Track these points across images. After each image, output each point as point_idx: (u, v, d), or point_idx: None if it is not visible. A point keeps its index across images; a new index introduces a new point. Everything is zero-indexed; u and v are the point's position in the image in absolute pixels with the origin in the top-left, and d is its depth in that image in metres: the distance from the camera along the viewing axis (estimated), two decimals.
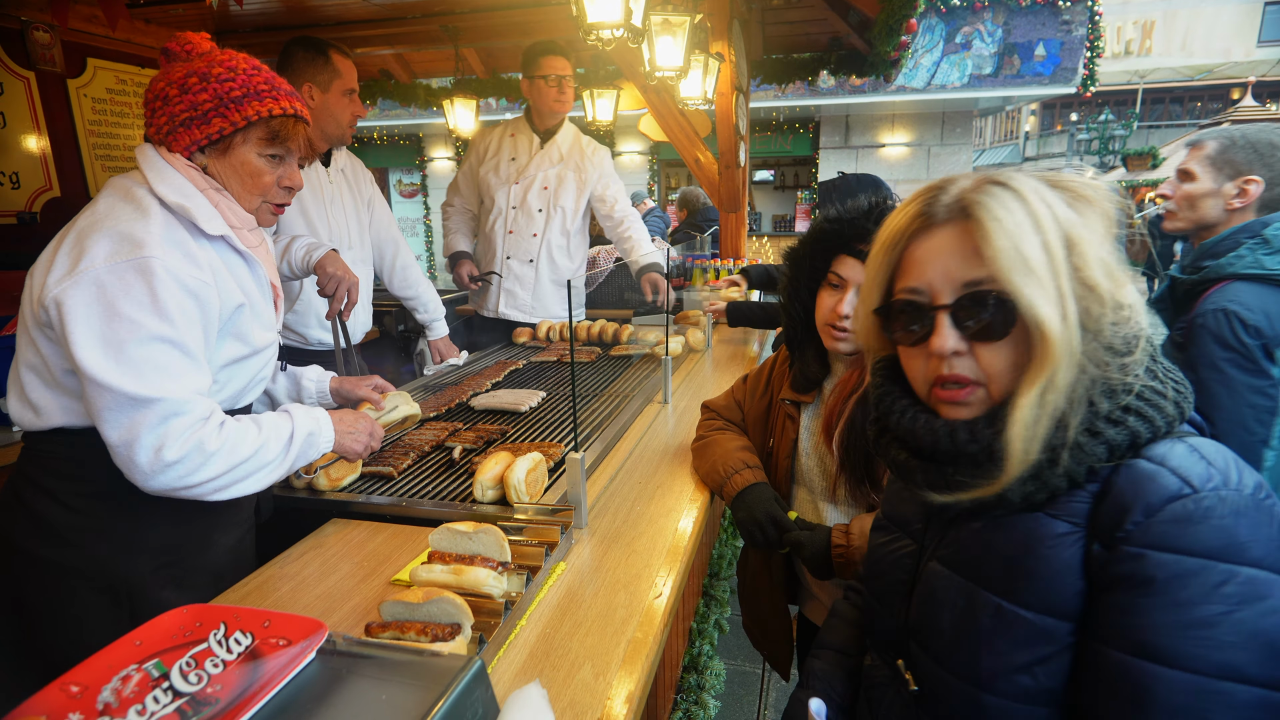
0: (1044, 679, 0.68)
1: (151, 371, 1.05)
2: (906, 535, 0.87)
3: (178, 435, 1.06)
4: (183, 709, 0.63)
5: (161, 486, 1.08)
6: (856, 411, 1.34)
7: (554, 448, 1.68)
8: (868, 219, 1.30)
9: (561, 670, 0.97)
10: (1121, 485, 0.66)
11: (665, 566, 1.24)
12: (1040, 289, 0.66)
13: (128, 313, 1.04)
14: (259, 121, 1.19)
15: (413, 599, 0.91)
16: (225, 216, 1.21)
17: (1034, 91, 10.89)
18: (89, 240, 1.07)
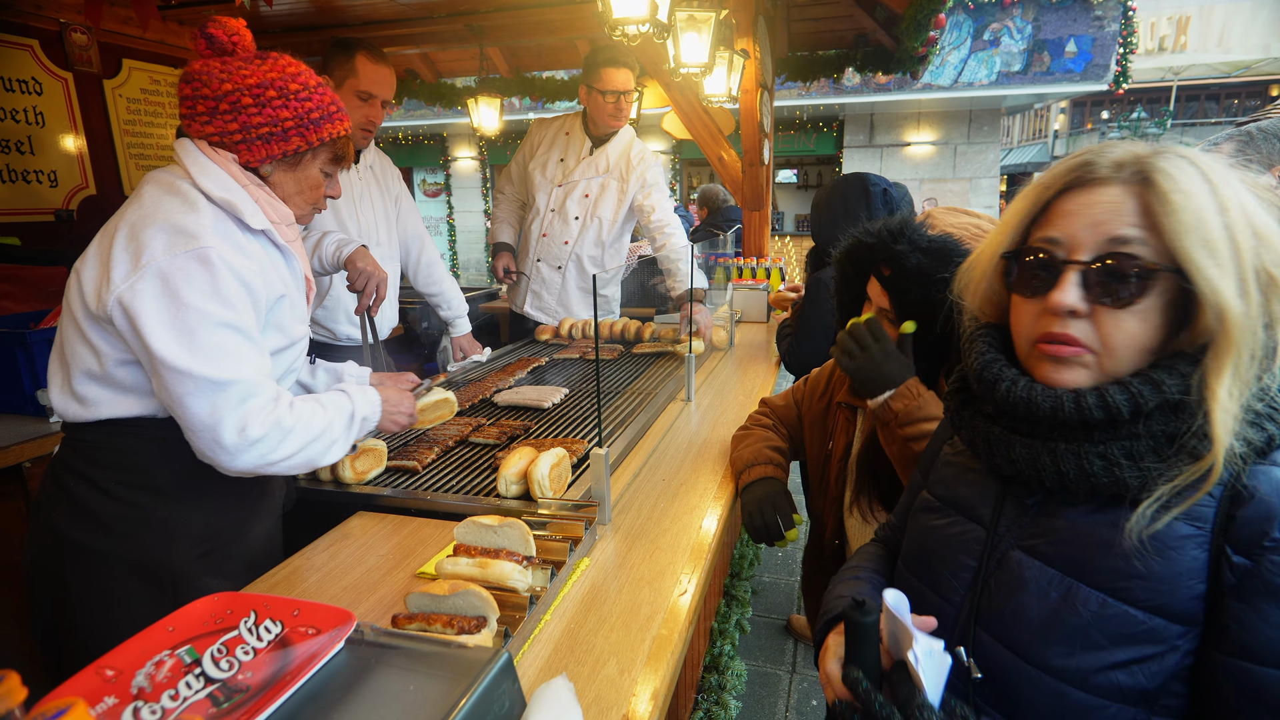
0: (1142, 679, 0.67)
1: (223, 356, 1.09)
2: (969, 519, 0.83)
3: (257, 414, 1.12)
4: (214, 695, 0.64)
5: (245, 465, 1.13)
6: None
7: (577, 444, 1.68)
8: (894, 241, 1.26)
9: (586, 666, 0.96)
10: (1265, 492, 0.63)
11: (689, 564, 1.23)
12: (1221, 270, 0.64)
13: (193, 301, 1.07)
14: (330, 142, 1.27)
15: (439, 591, 0.91)
16: (265, 212, 1.23)
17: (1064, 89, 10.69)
18: (144, 234, 1.09)
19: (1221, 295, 0.63)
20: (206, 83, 1.16)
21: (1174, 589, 0.65)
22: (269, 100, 1.17)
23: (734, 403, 2.19)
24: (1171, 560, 0.65)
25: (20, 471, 1.90)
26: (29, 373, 2.05)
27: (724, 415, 2.07)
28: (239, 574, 1.26)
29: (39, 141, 3.81)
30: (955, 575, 0.82)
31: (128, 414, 1.17)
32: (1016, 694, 0.73)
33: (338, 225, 2.29)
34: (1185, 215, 0.65)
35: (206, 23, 1.17)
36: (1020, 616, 0.74)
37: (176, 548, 1.23)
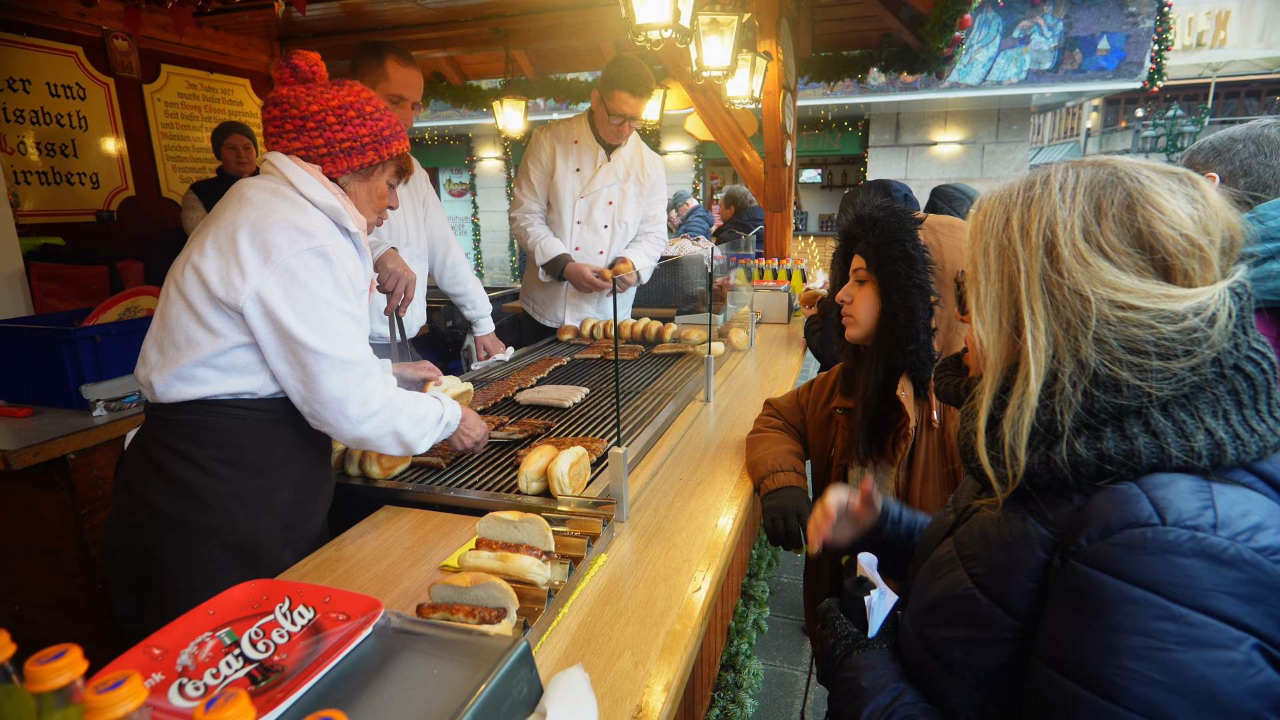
0: (973, 657, 0.71)
1: (348, 339, 1.26)
2: (953, 510, 0.92)
3: (376, 389, 1.29)
4: (253, 674, 0.68)
5: (365, 432, 1.30)
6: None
7: (597, 443, 1.72)
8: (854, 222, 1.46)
9: (602, 657, 0.99)
10: (1097, 502, 0.63)
11: (705, 562, 1.26)
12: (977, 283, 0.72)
13: (320, 292, 1.22)
14: (398, 157, 1.42)
15: (462, 583, 0.94)
16: (352, 218, 1.37)
17: (1096, 87, 10.49)
18: (268, 233, 1.21)
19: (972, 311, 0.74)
20: (295, 104, 1.30)
21: (1009, 581, 0.68)
22: (350, 119, 1.32)
23: (753, 404, 2.21)
24: (1013, 553, 0.69)
25: (65, 463, 1.99)
26: (74, 368, 2.14)
27: (742, 416, 2.09)
28: (306, 550, 1.36)
29: (82, 145, 3.95)
30: (922, 554, 0.92)
31: (229, 393, 1.29)
32: (904, 649, 0.84)
33: None
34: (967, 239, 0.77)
35: (291, 55, 1.34)
36: (921, 586, 0.83)
37: (263, 522, 1.32)
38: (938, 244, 1.38)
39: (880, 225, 1.41)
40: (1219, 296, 0.62)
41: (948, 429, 1.37)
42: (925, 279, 1.35)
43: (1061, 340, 0.65)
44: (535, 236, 3.02)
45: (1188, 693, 0.55)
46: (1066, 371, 0.65)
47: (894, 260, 1.37)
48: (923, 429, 1.38)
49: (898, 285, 1.36)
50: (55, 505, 2.01)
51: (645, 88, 2.81)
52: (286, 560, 1.32)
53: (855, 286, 1.47)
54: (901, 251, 1.37)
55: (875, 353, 1.44)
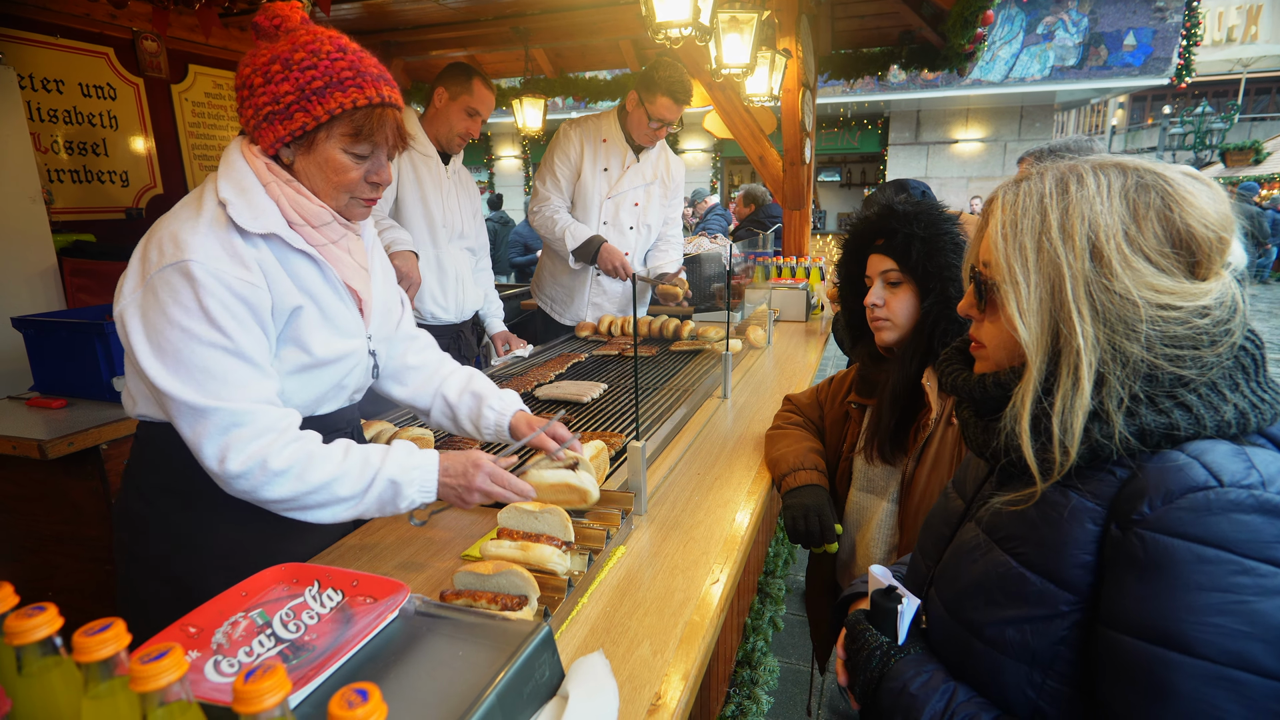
0: (1029, 636, 0.72)
1: (208, 380, 1.02)
2: (961, 496, 0.93)
3: (239, 447, 1.03)
4: (284, 653, 0.70)
5: (236, 493, 1.07)
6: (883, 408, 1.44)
7: (615, 437, 1.73)
8: (883, 218, 1.41)
9: (621, 646, 1.01)
10: (1149, 471, 0.67)
11: (722, 555, 1.27)
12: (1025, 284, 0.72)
13: (177, 319, 1.01)
14: (342, 115, 1.08)
15: (484, 570, 0.96)
16: (285, 212, 1.12)
17: (1122, 84, 10.33)
18: (150, 243, 1.06)
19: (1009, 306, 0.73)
20: (239, 71, 1.10)
21: (1061, 556, 0.70)
22: (273, 76, 1.06)
23: (771, 401, 2.22)
24: (1062, 529, 0.70)
25: (98, 453, 2.04)
26: (105, 361, 2.20)
27: (760, 412, 2.09)
28: None
29: (112, 144, 4.04)
30: (935, 543, 0.93)
31: (156, 416, 1.16)
32: (942, 642, 0.83)
33: (424, 216, 2.46)
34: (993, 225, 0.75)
35: (256, 15, 1.11)
36: (955, 575, 0.83)
37: (193, 559, 1.19)
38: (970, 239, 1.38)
39: (924, 218, 1.37)
40: (1229, 284, 0.68)
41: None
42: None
43: (1104, 340, 0.68)
44: (563, 223, 2.98)
45: (1270, 638, 0.59)
46: (1113, 368, 0.68)
47: (945, 251, 1.34)
48: (941, 422, 1.38)
49: (953, 278, 1.33)
50: (88, 494, 2.07)
51: (688, 94, 2.85)
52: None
53: (887, 290, 1.42)
54: (953, 243, 1.35)
55: (910, 353, 1.41)
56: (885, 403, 1.44)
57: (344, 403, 1.35)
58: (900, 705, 0.79)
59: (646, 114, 2.86)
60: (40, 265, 3.14)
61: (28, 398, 2.27)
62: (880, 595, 0.88)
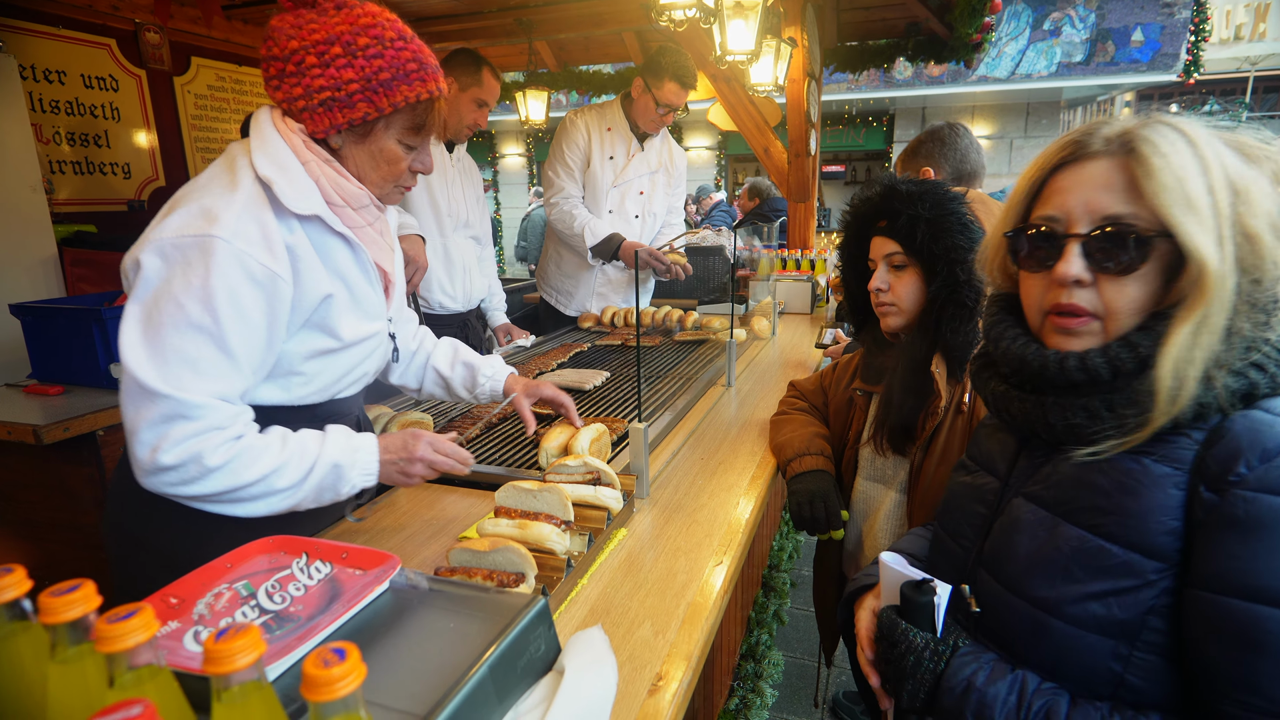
0: (1116, 609, 0.70)
1: (177, 363, 0.96)
2: (990, 473, 0.89)
3: (177, 440, 0.96)
4: (268, 623, 0.67)
5: (154, 488, 0.99)
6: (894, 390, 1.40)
7: (618, 422, 1.70)
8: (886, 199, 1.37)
9: (622, 626, 0.97)
10: (1237, 432, 0.66)
11: (726, 538, 1.24)
12: (1200, 226, 0.67)
13: (177, 292, 0.95)
14: (405, 108, 1.07)
15: (480, 547, 0.93)
16: (325, 192, 1.08)
17: (1129, 80, 10.25)
18: (175, 211, 1.00)
19: (1199, 246, 0.67)
20: (278, 40, 1.02)
21: (1146, 525, 0.68)
22: (333, 59, 1.00)
23: (775, 389, 2.18)
24: (1145, 498, 0.69)
25: (94, 439, 2.02)
26: (103, 347, 2.18)
27: (765, 400, 2.06)
28: None
29: (114, 136, 4.02)
30: (969, 522, 0.89)
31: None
32: (1006, 625, 0.79)
33: (430, 204, 2.44)
34: (1165, 177, 0.68)
35: None
36: (1011, 553, 0.79)
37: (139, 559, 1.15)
38: (979, 219, 1.34)
39: (928, 197, 1.32)
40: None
41: (977, 413, 1.32)
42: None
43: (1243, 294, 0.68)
44: (582, 219, 2.96)
45: None
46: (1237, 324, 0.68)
47: (952, 232, 1.29)
48: (950, 411, 1.34)
49: (960, 260, 1.27)
50: (84, 481, 2.05)
51: (694, 78, 2.86)
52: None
53: (891, 273, 1.37)
54: (959, 223, 1.30)
55: (918, 339, 1.35)
56: (894, 392, 1.39)
57: (361, 386, 1.32)
58: (969, 703, 0.75)
59: (654, 100, 2.85)
60: (41, 254, 3.13)
61: (25, 385, 2.25)
62: (911, 589, 0.81)
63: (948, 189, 1.35)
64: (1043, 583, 0.74)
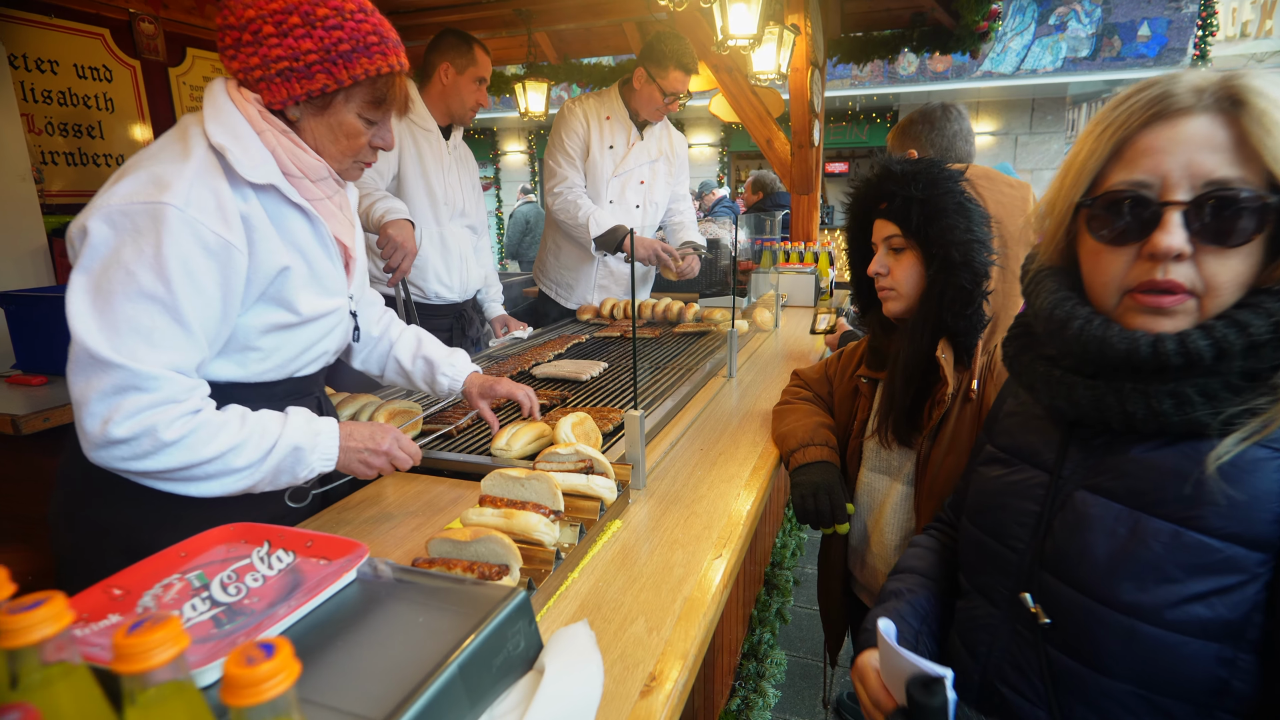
0: (1222, 609, 0.63)
1: (129, 333, 0.92)
2: (1033, 465, 0.81)
3: (130, 412, 0.92)
4: (217, 617, 0.61)
5: (104, 463, 0.95)
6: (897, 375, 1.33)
7: (613, 413, 1.63)
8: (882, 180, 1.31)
9: (613, 623, 0.91)
10: None
11: (726, 530, 1.17)
12: None
13: (127, 260, 0.91)
14: (366, 81, 1.05)
15: (460, 538, 0.87)
16: (282, 163, 1.06)
17: (1136, 75, 10.16)
18: (124, 177, 0.96)
19: None
20: (234, 9, 1.01)
21: (1250, 514, 0.62)
22: (291, 28, 0.98)
23: (777, 381, 2.12)
24: (1247, 485, 0.62)
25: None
26: None
27: (767, 391, 1.99)
28: None
29: (108, 127, 3.97)
30: (1018, 521, 0.80)
31: None
32: (1087, 635, 0.70)
33: (426, 192, 2.37)
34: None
35: None
36: (1086, 555, 0.70)
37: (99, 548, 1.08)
38: (981, 198, 1.27)
39: (921, 177, 1.26)
40: None
41: (986, 400, 1.26)
42: (985, 233, 1.23)
43: None
44: (586, 209, 2.87)
45: None
46: None
47: (947, 214, 1.22)
48: (958, 399, 1.27)
49: (956, 241, 1.21)
50: None
51: (695, 63, 2.81)
52: None
53: (890, 256, 1.32)
54: (955, 204, 1.23)
55: (920, 324, 1.29)
56: (897, 380, 1.32)
57: (321, 365, 1.28)
58: None
59: (659, 89, 2.79)
60: (30, 245, 3.07)
61: (8, 375, 2.19)
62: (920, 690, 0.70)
63: (944, 167, 1.28)
64: (1133, 586, 0.66)
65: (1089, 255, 0.74)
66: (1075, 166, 0.74)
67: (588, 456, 1.15)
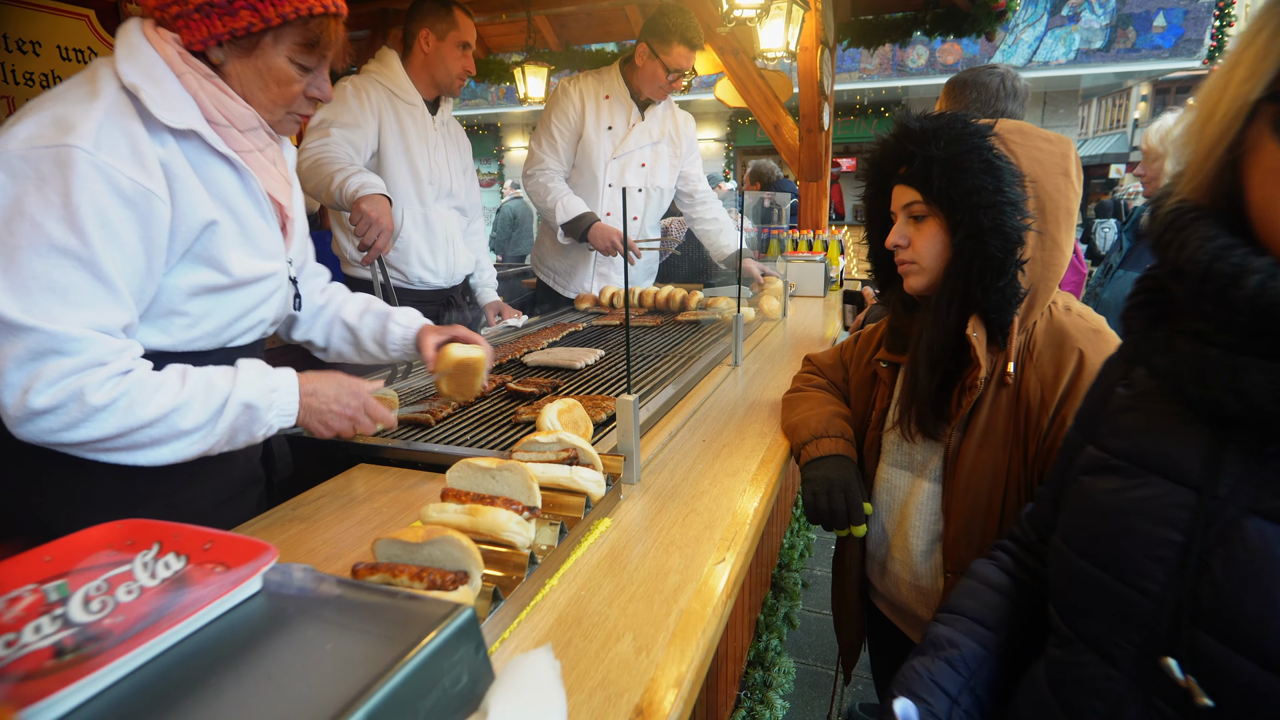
0: None
1: (41, 292, 0.82)
2: (1168, 479, 0.61)
3: (52, 379, 0.83)
4: (62, 644, 0.47)
5: (31, 437, 0.86)
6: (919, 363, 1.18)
7: (607, 401, 1.49)
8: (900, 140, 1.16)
9: (595, 641, 0.76)
10: None
11: (730, 530, 1.03)
12: None
13: (31, 210, 0.82)
14: (297, 21, 0.96)
15: (411, 538, 0.72)
16: (205, 109, 0.97)
17: (1151, 66, 9.95)
18: (22, 120, 0.86)
19: None
20: None
21: None
22: None
23: (786, 370, 1.97)
24: None
25: None
26: None
27: (775, 380, 1.85)
28: None
29: None
30: (1152, 555, 0.60)
31: None
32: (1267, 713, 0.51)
33: (409, 170, 2.21)
34: None
35: None
36: (1272, 610, 0.51)
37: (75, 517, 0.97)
38: (1014, 155, 1.11)
39: (943, 134, 1.10)
40: None
41: (1025, 385, 1.10)
42: (1017, 193, 1.07)
43: None
44: (556, 193, 2.75)
45: None
46: None
47: (974, 174, 1.06)
48: (991, 384, 1.12)
49: (984, 204, 1.05)
50: None
51: (700, 38, 2.65)
52: None
53: (910, 226, 1.16)
54: (982, 161, 1.08)
55: (945, 300, 1.13)
56: (920, 364, 1.16)
57: (258, 336, 1.16)
58: None
59: (662, 66, 2.63)
60: None
61: None
62: None
63: (970, 121, 1.11)
64: None
65: (1270, 178, 0.54)
66: (1253, 52, 0.53)
67: (572, 446, 1.01)
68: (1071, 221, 1.14)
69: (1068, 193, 1.11)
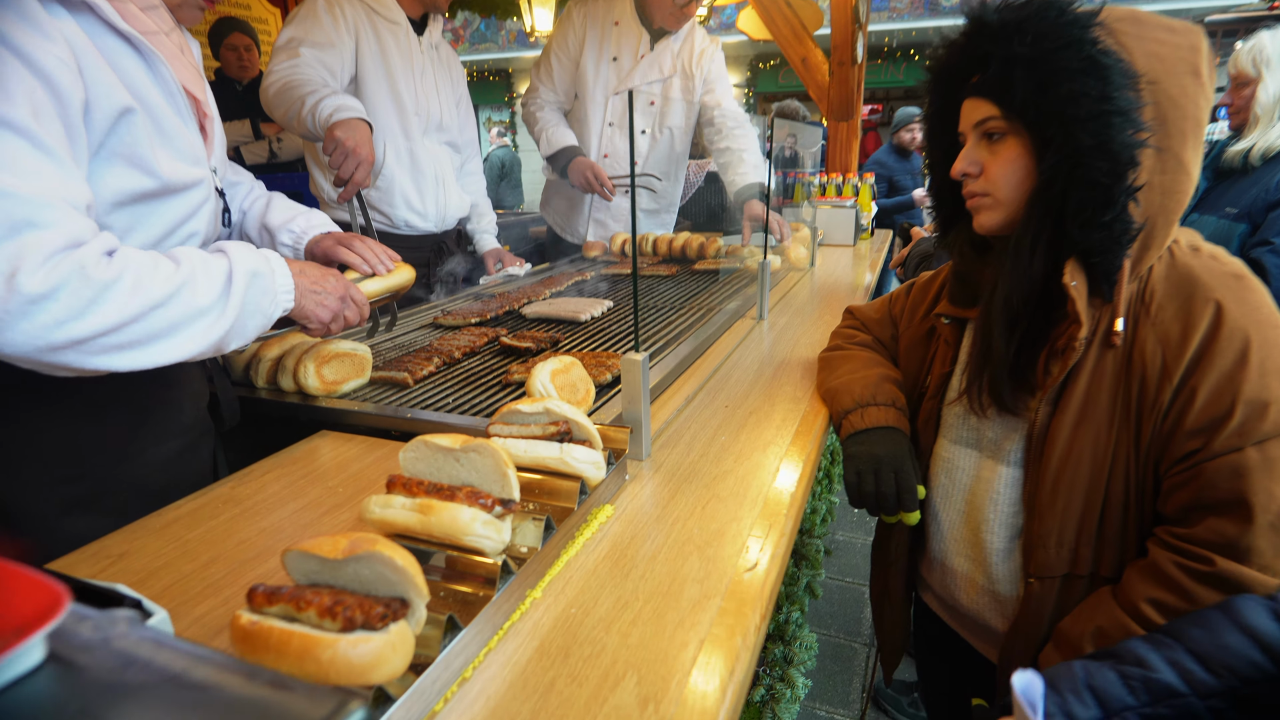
0: None
1: None
2: None
3: (40, 254, 0.68)
4: None
5: (29, 339, 0.69)
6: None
7: (613, 359, 1.28)
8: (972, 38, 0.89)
9: (587, 685, 0.57)
10: None
11: (762, 521, 0.82)
12: None
13: None
14: None
15: (329, 552, 0.52)
16: None
17: (1203, 4, 9.26)
18: None
19: None
20: None
21: None
22: None
23: (818, 324, 1.74)
24: None
25: None
26: None
27: (807, 335, 1.62)
28: (129, 510, 0.88)
29: None
30: None
31: None
32: None
33: (391, 97, 1.95)
34: None
35: None
36: None
37: (17, 473, 0.88)
38: (1126, 49, 0.85)
39: (1032, 27, 0.83)
40: None
41: (1140, 347, 0.86)
42: (1130, 99, 0.81)
43: None
44: (544, 123, 2.53)
45: None
46: None
47: (1070, 75, 0.80)
48: (1094, 345, 0.88)
49: (1084, 115, 0.80)
50: None
51: None
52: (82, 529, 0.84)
53: (983, 148, 0.92)
54: (1083, 60, 0.81)
55: (1029, 240, 0.89)
56: (996, 321, 0.92)
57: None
58: None
59: None
60: None
61: None
62: None
63: (1066, 9, 0.85)
64: None
65: None
66: None
67: (563, 417, 0.80)
68: (1200, 134, 0.88)
69: (1197, 98, 0.85)
